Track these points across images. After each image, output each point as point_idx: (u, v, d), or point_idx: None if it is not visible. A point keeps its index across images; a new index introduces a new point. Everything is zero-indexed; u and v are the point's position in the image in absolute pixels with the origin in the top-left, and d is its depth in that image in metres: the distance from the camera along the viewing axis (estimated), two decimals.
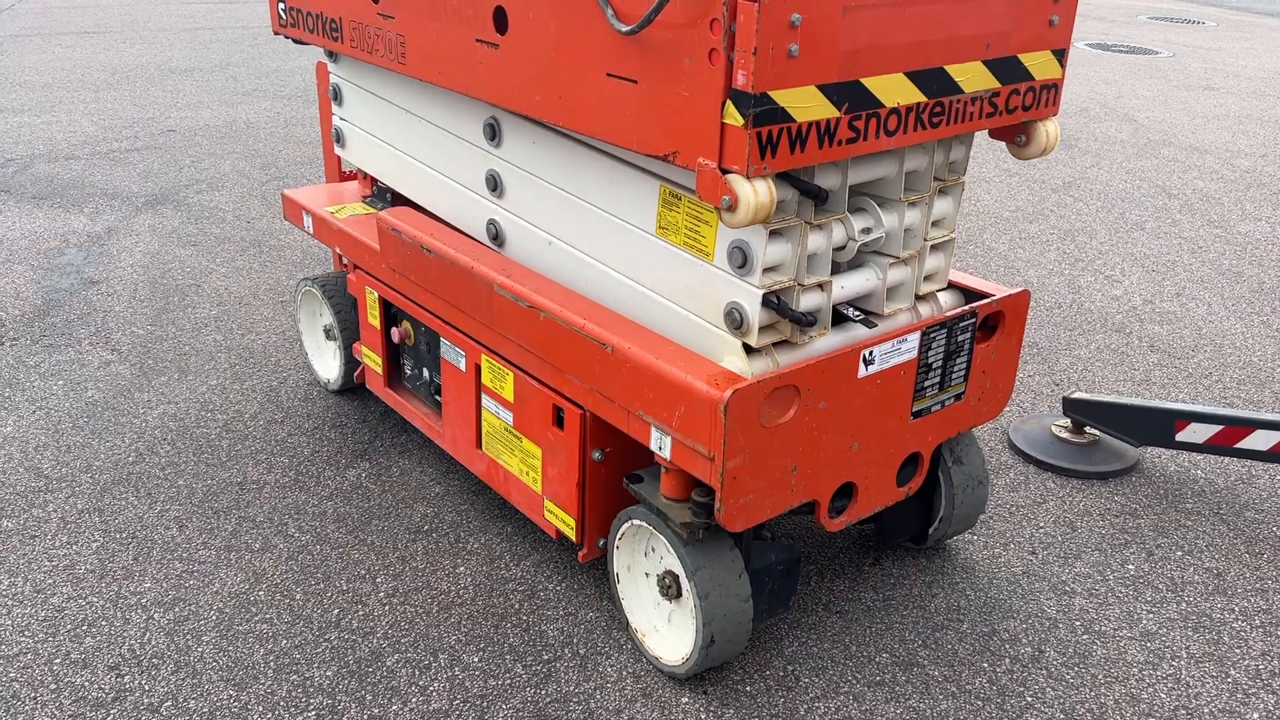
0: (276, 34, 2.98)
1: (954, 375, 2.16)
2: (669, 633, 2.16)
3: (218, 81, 7.17)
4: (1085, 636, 2.26)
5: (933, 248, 2.08)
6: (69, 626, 2.19)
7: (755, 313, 1.84)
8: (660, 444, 1.94)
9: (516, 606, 2.30)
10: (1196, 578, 2.47)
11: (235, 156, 5.50)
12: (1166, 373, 3.50)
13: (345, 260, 2.93)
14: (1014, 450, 2.98)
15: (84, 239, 4.30)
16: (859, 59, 1.68)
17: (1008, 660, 2.19)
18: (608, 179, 2.07)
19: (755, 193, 1.63)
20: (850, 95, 1.69)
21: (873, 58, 1.70)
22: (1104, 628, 2.29)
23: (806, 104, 1.64)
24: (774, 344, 1.92)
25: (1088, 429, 2.97)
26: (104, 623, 2.21)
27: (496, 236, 2.42)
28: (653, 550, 2.17)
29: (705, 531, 1.99)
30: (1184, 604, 2.38)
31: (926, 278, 2.11)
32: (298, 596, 2.30)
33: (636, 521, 2.11)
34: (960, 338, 2.12)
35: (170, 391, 3.15)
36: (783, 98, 1.60)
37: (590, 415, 2.13)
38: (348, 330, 3.03)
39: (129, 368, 3.28)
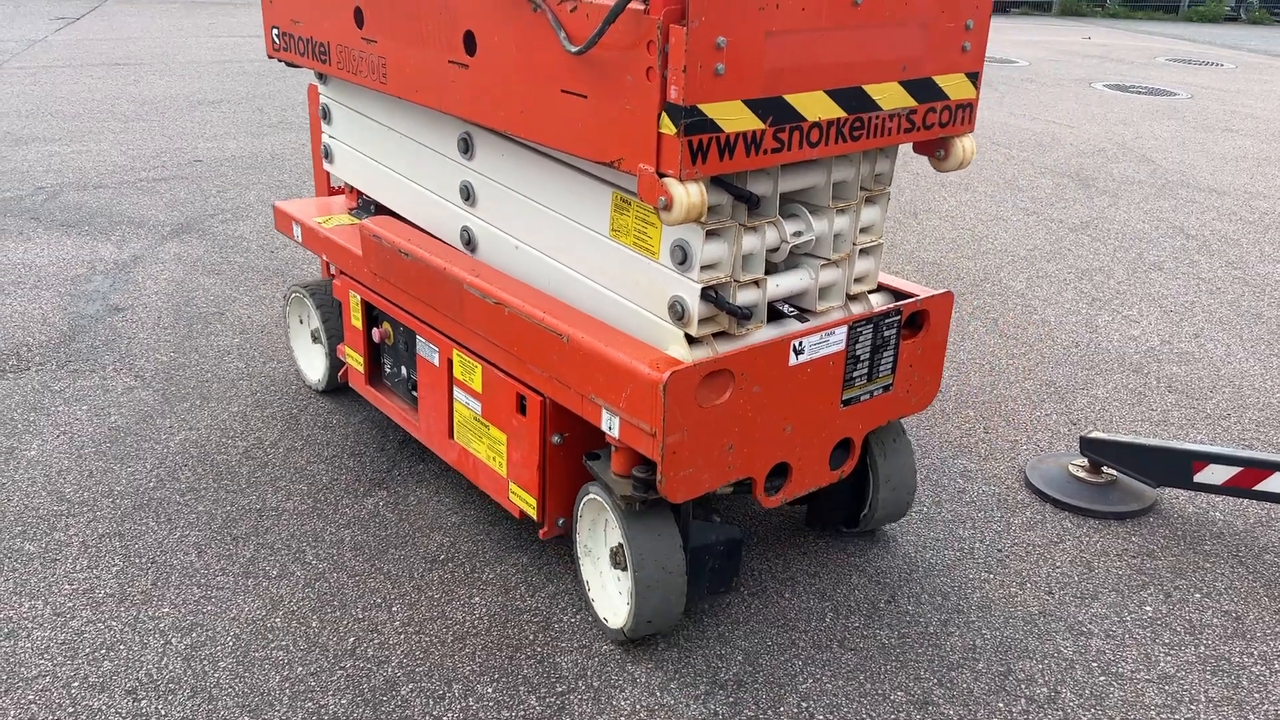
0: (270, 58, 3.15)
1: (881, 367, 2.34)
2: (620, 601, 2.33)
3: (244, 113, 7.28)
4: (1102, 678, 2.25)
5: (862, 251, 2.28)
6: (87, 650, 2.21)
7: (695, 305, 2.03)
8: (610, 424, 2.11)
9: (531, 638, 2.30)
10: (1215, 620, 2.45)
11: (260, 187, 5.58)
12: (1184, 413, 3.49)
13: (331, 267, 3.12)
14: (1030, 489, 2.97)
15: (110, 266, 4.37)
16: (782, 78, 1.87)
17: (1024, 701, 2.17)
18: (567, 187, 2.28)
19: (688, 194, 1.81)
20: (774, 110, 1.87)
21: (795, 77, 1.89)
22: (1121, 669, 2.28)
23: (733, 116, 1.82)
24: (714, 335, 2.10)
25: (1105, 469, 2.97)
26: (122, 647, 2.22)
27: (469, 242, 2.61)
28: (608, 524, 2.33)
29: (644, 504, 2.17)
30: (1202, 647, 2.36)
31: (857, 279, 2.30)
32: (314, 624, 2.32)
33: (593, 494, 2.30)
34: (886, 333, 2.31)
35: (192, 418, 3.18)
36: (711, 110, 1.79)
37: (550, 401, 2.30)
38: (333, 333, 3.23)
39: (152, 394, 3.32)
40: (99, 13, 11.86)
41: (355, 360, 3.03)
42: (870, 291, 2.35)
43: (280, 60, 3.10)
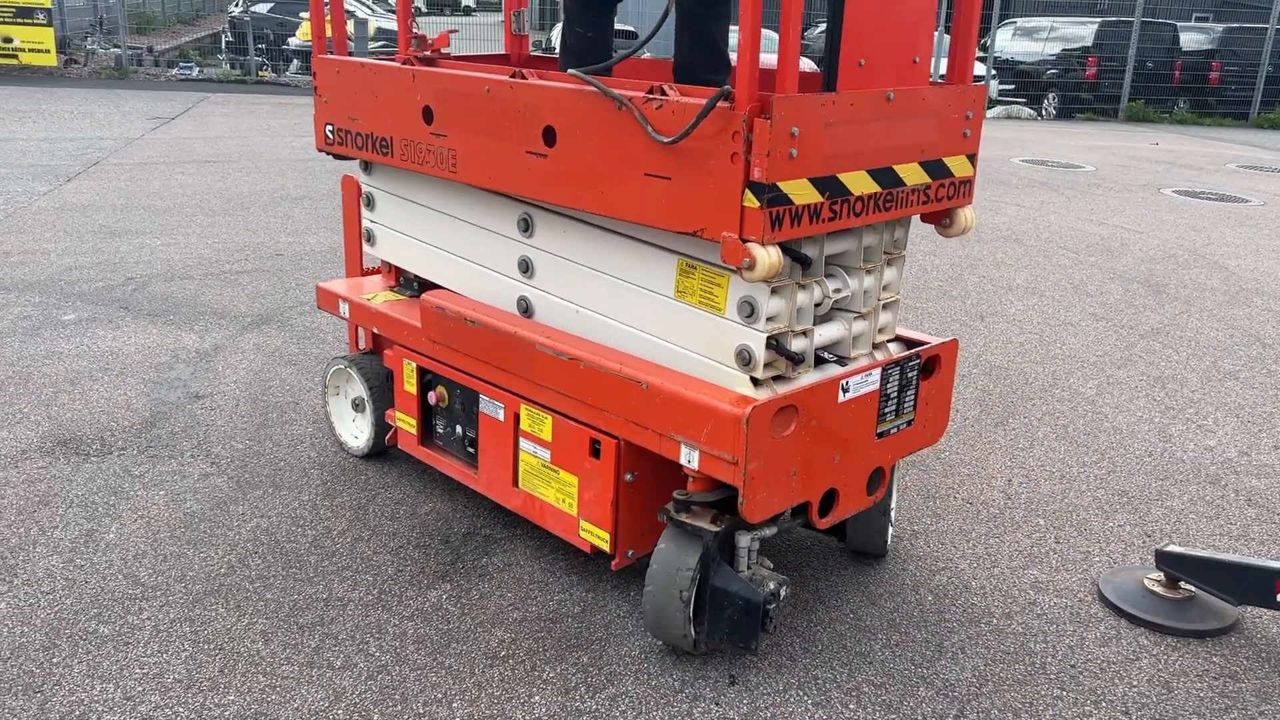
0: (319, 150, 3.41)
1: (905, 405, 2.71)
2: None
3: (325, 209, 7.56)
4: None
5: (884, 306, 2.66)
6: None
7: (761, 352, 2.38)
8: (689, 458, 2.42)
9: None
10: None
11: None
12: (1266, 529, 3.38)
13: (369, 340, 3.53)
14: (1104, 602, 2.89)
15: (193, 355, 4.53)
16: (836, 160, 2.27)
17: None
18: (632, 257, 2.61)
19: (769, 255, 2.17)
20: (830, 186, 2.27)
21: (845, 159, 2.29)
22: None
23: (801, 192, 2.22)
24: (772, 378, 2.44)
25: (1183, 584, 2.87)
26: None
27: (527, 310, 2.92)
28: None
29: (671, 519, 2.49)
30: None
31: (880, 329, 2.67)
32: (375, 718, 2.32)
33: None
34: (909, 374, 2.69)
35: (264, 505, 3.25)
36: (786, 187, 2.18)
37: (624, 444, 2.59)
38: (379, 400, 3.44)
39: (227, 480, 3.40)
40: (192, 113, 12.49)
41: (407, 423, 3.26)
42: (889, 340, 2.73)
43: (330, 153, 3.38)
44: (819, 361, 2.55)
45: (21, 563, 2.88)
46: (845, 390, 2.49)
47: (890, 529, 3.03)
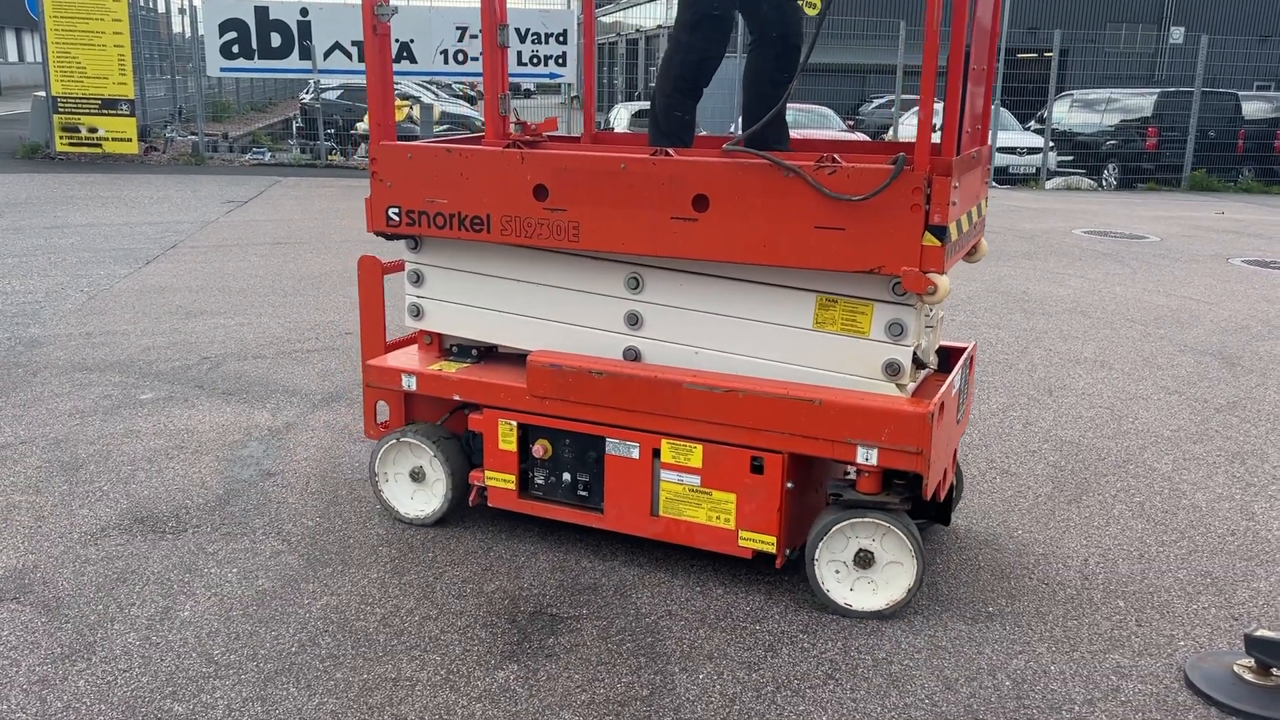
0: (372, 232, 3.50)
1: (964, 395, 3.36)
2: (870, 591, 3.07)
3: (392, 288, 7.72)
4: None
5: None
6: None
7: (909, 363, 2.92)
8: (866, 456, 2.89)
9: None
10: None
11: None
12: None
13: (402, 414, 3.72)
14: (1193, 690, 2.78)
15: (265, 433, 4.62)
16: (961, 205, 2.89)
17: None
18: (762, 300, 3.06)
19: (947, 281, 2.77)
20: (959, 225, 2.90)
21: (963, 205, 2.92)
22: None
23: (955, 230, 2.82)
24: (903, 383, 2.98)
25: (1275, 671, 2.76)
26: None
27: (636, 357, 3.26)
28: (849, 538, 3.05)
29: (903, 509, 2.99)
30: None
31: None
32: None
33: (833, 516, 3.04)
34: (965, 371, 3.34)
35: (334, 583, 3.28)
36: (951, 228, 2.77)
37: (788, 457, 2.98)
38: (456, 466, 3.56)
39: (297, 558, 3.45)
40: (264, 197, 12.93)
41: (504, 480, 3.43)
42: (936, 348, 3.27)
43: (387, 234, 3.50)
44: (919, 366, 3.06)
45: (100, 640, 2.93)
46: (953, 385, 3.10)
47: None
